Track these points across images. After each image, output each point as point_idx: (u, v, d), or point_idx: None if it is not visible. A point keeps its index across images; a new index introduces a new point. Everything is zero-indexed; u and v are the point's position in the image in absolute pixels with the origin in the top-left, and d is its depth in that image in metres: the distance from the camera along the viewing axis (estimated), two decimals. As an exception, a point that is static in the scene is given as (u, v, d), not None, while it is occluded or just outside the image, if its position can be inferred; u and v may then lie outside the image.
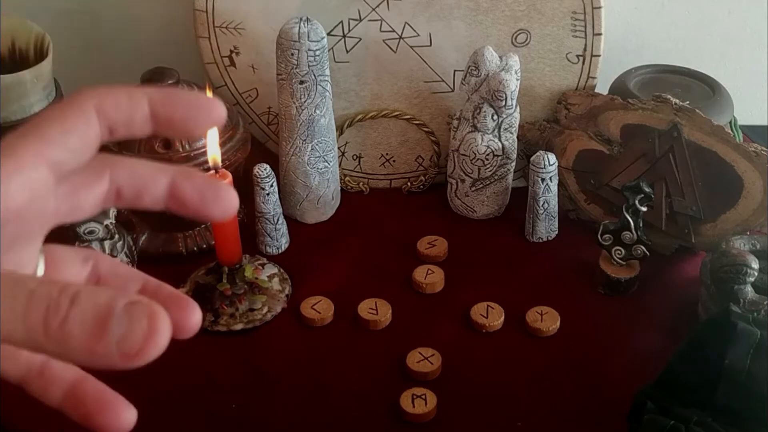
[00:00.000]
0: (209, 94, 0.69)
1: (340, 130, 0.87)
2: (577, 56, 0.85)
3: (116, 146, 0.75)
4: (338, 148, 0.87)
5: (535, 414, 0.64)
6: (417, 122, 0.88)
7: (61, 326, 0.23)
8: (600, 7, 0.82)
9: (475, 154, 0.82)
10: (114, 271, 0.33)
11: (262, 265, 0.76)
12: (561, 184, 0.82)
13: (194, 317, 0.29)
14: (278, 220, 0.79)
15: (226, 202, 0.30)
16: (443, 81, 0.87)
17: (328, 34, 0.80)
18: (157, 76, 0.77)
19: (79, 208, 0.29)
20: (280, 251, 0.80)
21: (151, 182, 0.30)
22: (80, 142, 0.27)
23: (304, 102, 0.78)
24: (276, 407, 0.65)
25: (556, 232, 0.83)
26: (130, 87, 0.29)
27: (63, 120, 0.27)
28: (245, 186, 0.79)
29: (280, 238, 0.80)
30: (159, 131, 0.29)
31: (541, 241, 0.83)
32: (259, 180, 0.76)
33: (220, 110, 0.29)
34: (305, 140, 0.80)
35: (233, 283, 0.72)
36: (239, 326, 0.71)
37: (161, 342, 0.24)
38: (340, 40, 0.84)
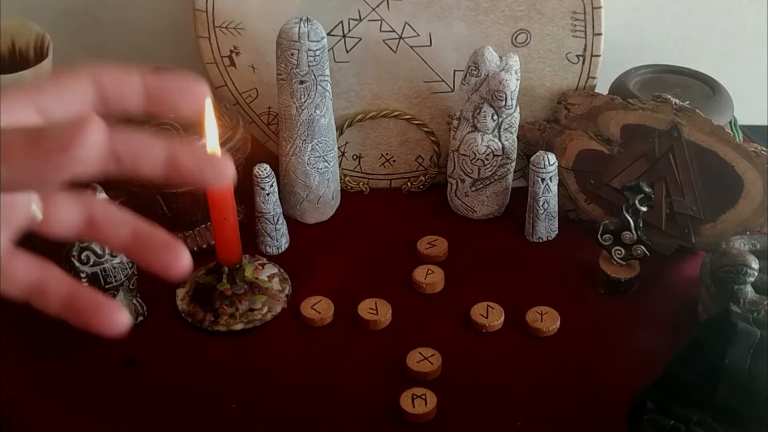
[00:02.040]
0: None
1: (340, 130, 0.87)
2: (577, 56, 0.85)
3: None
4: (338, 148, 0.87)
5: (535, 414, 0.64)
6: (417, 122, 0.88)
7: None
8: (600, 7, 0.82)
9: (475, 154, 0.82)
10: (107, 214, 0.34)
11: (262, 265, 0.76)
12: (561, 184, 0.82)
13: (182, 260, 0.32)
14: (278, 220, 0.79)
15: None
16: (443, 81, 0.87)
17: (328, 34, 0.80)
18: (157, 76, 0.77)
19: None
20: (280, 251, 0.80)
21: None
22: (71, 98, 0.31)
23: (304, 102, 0.78)
24: (276, 407, 0.65)
25: (556, 232, 0.83)
26: (126, 66, 0.32)
27: (58, 78, 0.31)
28: (245, 186, 0.79)
29: (280, 238, 0.80)
30: (150, 108, 0.32)
31: (541, 241, 0.83)
32: (259, 180, 0.76)
33: (204, 88, 0.32)
34: (305, 140, 0.80)
35: (233, 283, 0.72)
36: (239, 326, 0.71)
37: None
38: (340, 40, 0.84)
